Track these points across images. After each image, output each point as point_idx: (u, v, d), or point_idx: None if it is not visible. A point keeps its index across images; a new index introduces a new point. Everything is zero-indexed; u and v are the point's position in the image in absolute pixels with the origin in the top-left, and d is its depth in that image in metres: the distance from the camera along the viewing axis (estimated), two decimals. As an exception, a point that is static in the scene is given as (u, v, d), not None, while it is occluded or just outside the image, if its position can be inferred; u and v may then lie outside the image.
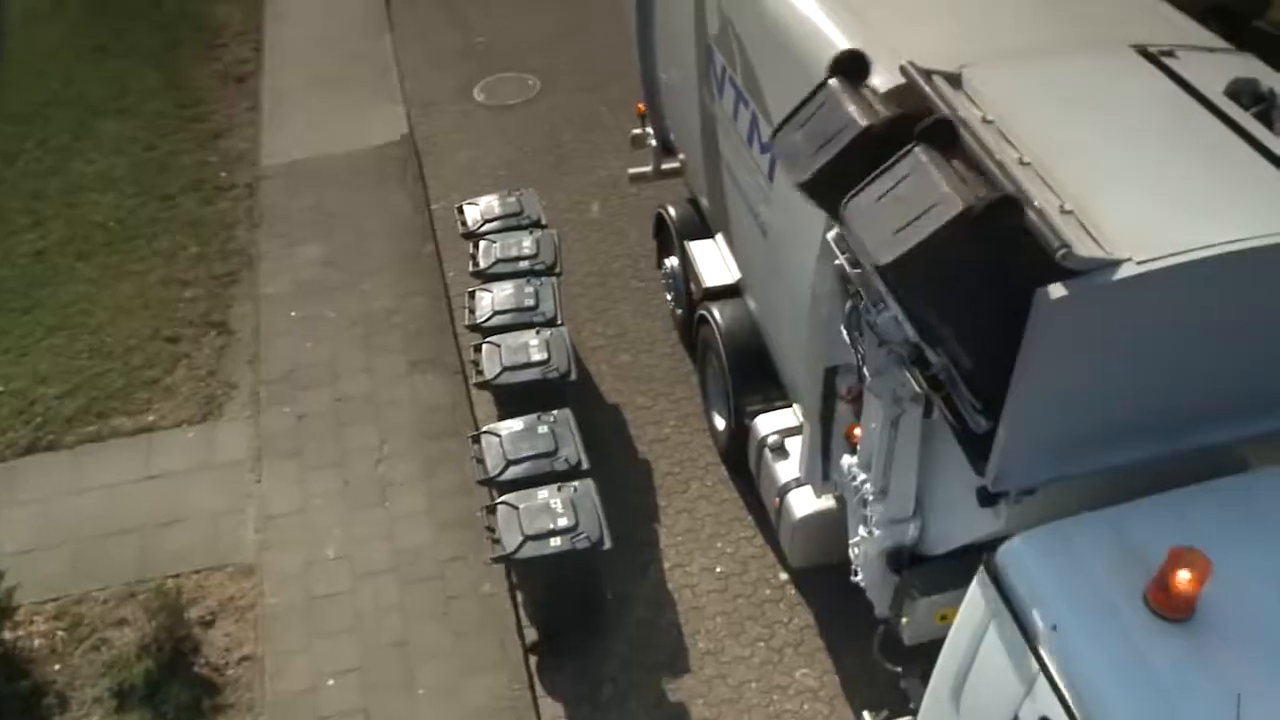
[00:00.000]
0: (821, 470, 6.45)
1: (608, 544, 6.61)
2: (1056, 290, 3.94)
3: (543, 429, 7.18)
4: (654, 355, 9.25)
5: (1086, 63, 5.09)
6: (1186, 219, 4.21)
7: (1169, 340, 4.33)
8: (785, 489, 6.87)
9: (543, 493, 6.76)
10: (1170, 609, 3.77)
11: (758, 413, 7.35)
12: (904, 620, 5.61)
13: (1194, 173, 4.47)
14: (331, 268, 9.96)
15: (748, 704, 6.87)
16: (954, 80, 4.86)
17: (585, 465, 7.06)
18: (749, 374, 7.56)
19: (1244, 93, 4.83)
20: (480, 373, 7.69)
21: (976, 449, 4.64)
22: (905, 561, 5.72)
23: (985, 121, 4.61)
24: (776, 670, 7.02)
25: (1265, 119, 4.71)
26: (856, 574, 5.95)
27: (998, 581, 4.10)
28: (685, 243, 8.44)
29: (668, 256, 9.18)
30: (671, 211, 8.82)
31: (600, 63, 12.86)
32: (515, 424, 7.19)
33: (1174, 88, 4.90)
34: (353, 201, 10.76)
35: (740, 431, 7.64)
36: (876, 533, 5.52)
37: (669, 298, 9.36)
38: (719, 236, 8.08)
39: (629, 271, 10.07)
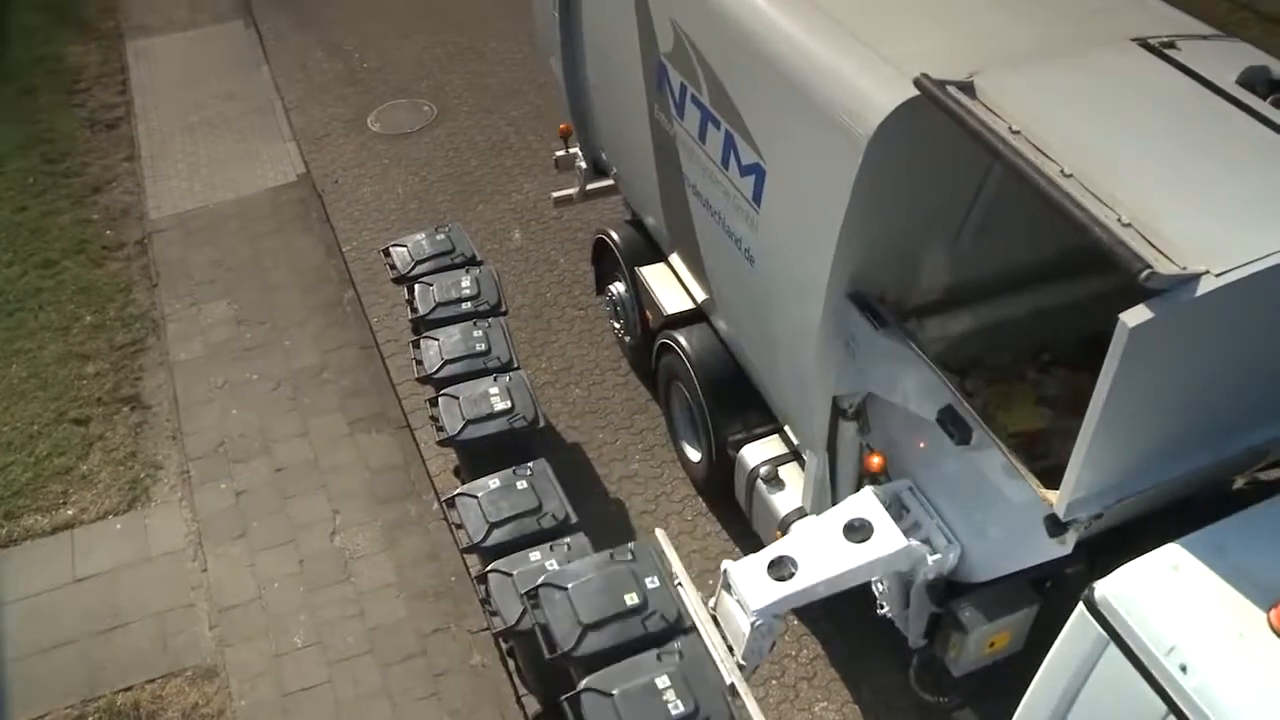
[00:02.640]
0: (831, 500, 6.20)
1: (617, 603, 6.20)
2: (1139, 315, 3.73)
3: (521, 484, 6.70)
4: (606, 387, 8.86)
5: (1096, 61, 4.90)
6: (1244, 222, 4.04)
7: (1234, 348, 4.19)
8: (788, 521, 6.57)
9: (535, 555, 6.28)
10: (1302, 633, 3.60)
11: (742, 442, 7.05)
12: (952, 653, 5.39)
13: (1235, 170, 4.31)
14: (245, 326, 9.25)
15: (772, 749, 6.58)
16: (968, 89, 4.61)
17: (574, 519, 6.62)
18: (726, 402, 7.24)
19: (1258, 81, 4.72)
20: (441, 429, 7.18)
21: (1046, 478, 4.45)
22: (944, 592, 5.51)
23: (1013, 132, 4.38)
24: (795, 708, 6.73)
25: (1284, 107, 4.61)
26: (883, 607, 5.70)
27: (1101, 618, 3.86)
28: (636, 269, 8.07)
29: (612, 282, 8.79)
30: (615, 235, 8.43)
31: (496, 83, 12.41)
32: (491, 482, 6.69)
33: (1189, 81, 4.75)
34: (257, 251, 10.05)
35: (720, 462, 7.32)
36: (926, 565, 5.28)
37: (616, 326, 8.97)
38: (674, 258, 7.73)
39: (565, 301, 9.65)
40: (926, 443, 5.36)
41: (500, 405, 7.18)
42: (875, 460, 5.58)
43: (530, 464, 6.85)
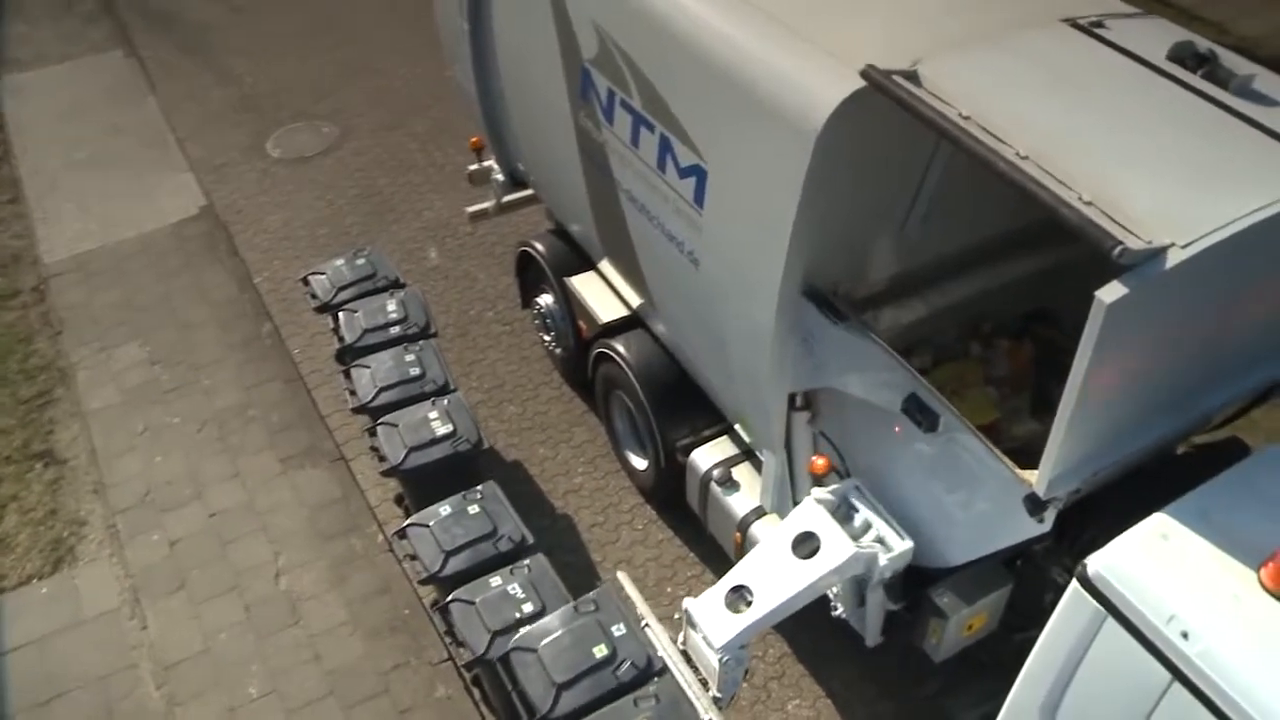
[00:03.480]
0: (791, 497, 6.17)
1: (583, 620, 6.09)
2: (1115, 291, 3.77)
3: (473, 509, 6.54)
4: (541, 401, 8.71)
5: (1031, 43, 4.96)
6: (1199, 192, 4.13)
7: (1197, 315, 4.28)
8: (746, 522, 6.53)
9: (495, 580, 6.13)
10: (1295, 590, 3.67)
11: (691, 447, 6.98)
12: (933, 639, 5.40)
13: (1180, 143, 4.41)
14: (160, 367, 8.86)
15: (749, 753, 6.53)
16: (913, 78, 4.63)
17: (530, 540, 6.48)
18: (671, 407, 7.17)
19: (1187, 56, 4.82)
20: (383, 460, 6.96)
21: (1021, 459, 4.48)
22: (902, 590, 5.49)
23: (964, 118, 4.40)
24: (768, 708, 6.68)
25: (1215, 79, 4.72)
26: (836, 609, 5.62)
27: (1096, 593, 3.89)
28: (565, 279, 7.95)
29: (538, 295, 8.66)
30: (539, 247, 8.29)
31: (396, 100, 12.15)
32: (442, 509, 6.51)
33: (1123, 59, 4.84)
34: (164, 289, 9.64)
35: (670, 468, 7.25)
36: (879, 565, 5.21)
37: (546, 338, 8.83)
38: (605, 265, 7.63)
39: (489, 317, 9.47)
40: (889, 432, 5.35)
41: (442, 430, 7.00)
42: (819, 462, 5.48)
43: (480, 487, 6.69)
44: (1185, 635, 3.62)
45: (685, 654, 5.45)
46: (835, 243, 5.21)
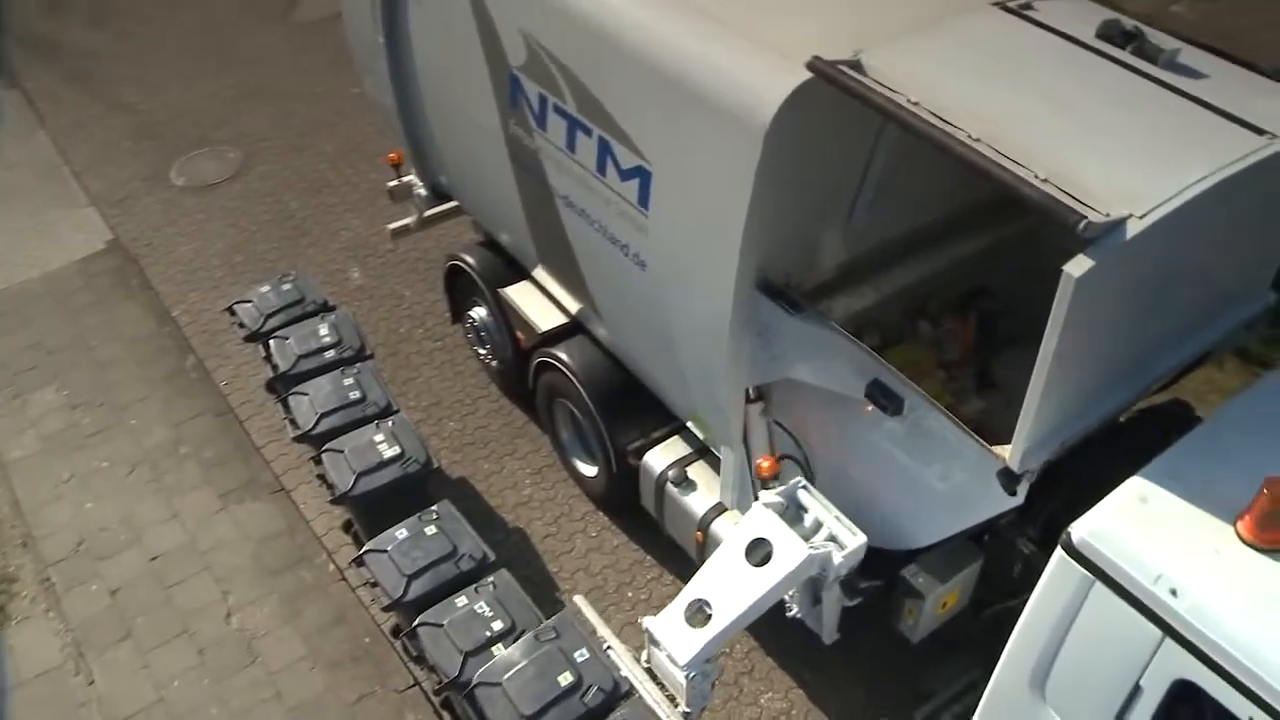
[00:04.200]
0: (752, 492, 6.18)
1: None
2: (1081, 265, 3.87)
3: (430, 530, 6.42)
4: (480, 416, 8.60)
5: (966, 28, 5.07)
6: (1147, 164, 4.27)
7: (1153, 283, 4.41)
8: (707, 520, 6.53)
9: (461, 600, 6.04)
10: (1265, 539, 3.79)
11: (643, 450, 6.95)
12: (909, 620, 5.47)
13: (1121, 119, 4.54)
14: (81, 410, 8.51)
15: (728, 750, 6.53)
16: (857, 68, 4.68)
17: (492, 557, 6.40)
18: (619, 411, 7.14)
19: (1115, 33, 4.97)
20: (331, 487, 6.81)
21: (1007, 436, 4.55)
22: (857, 585, 5.51)
23: (912, 104, 4.46)
24: (741, 704, 6.70)
25: (1143, 54, 4.87)
26: (791, 610, 5.48)
27: (1083, 559, 3.98)
28: (499, 290, 7.86)
29: (470, 309, 8.54)
30: (470, 259, 8.18)
31: (301, 119, 11.89)
32: (399, 533, 6.37)
33: (1054, 38, 4.97)
34: (77, 329, 9.26)
35: (622, 473, 7.21)
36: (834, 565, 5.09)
37: (481, 352, 8.73)
38: (540, 274, 7.56)
39: (419, 334, 9.32)
40: (850, 419, 5.40)
41: (389, 452, 6.87)
42: (765, 464, 5.43)
43: (435, 507, 6.59)
44: (1174, 592, 3.72)
45: (650, 672, 5.40)
46: (786, 235, 5.25)
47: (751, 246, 5.07)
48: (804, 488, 5.26)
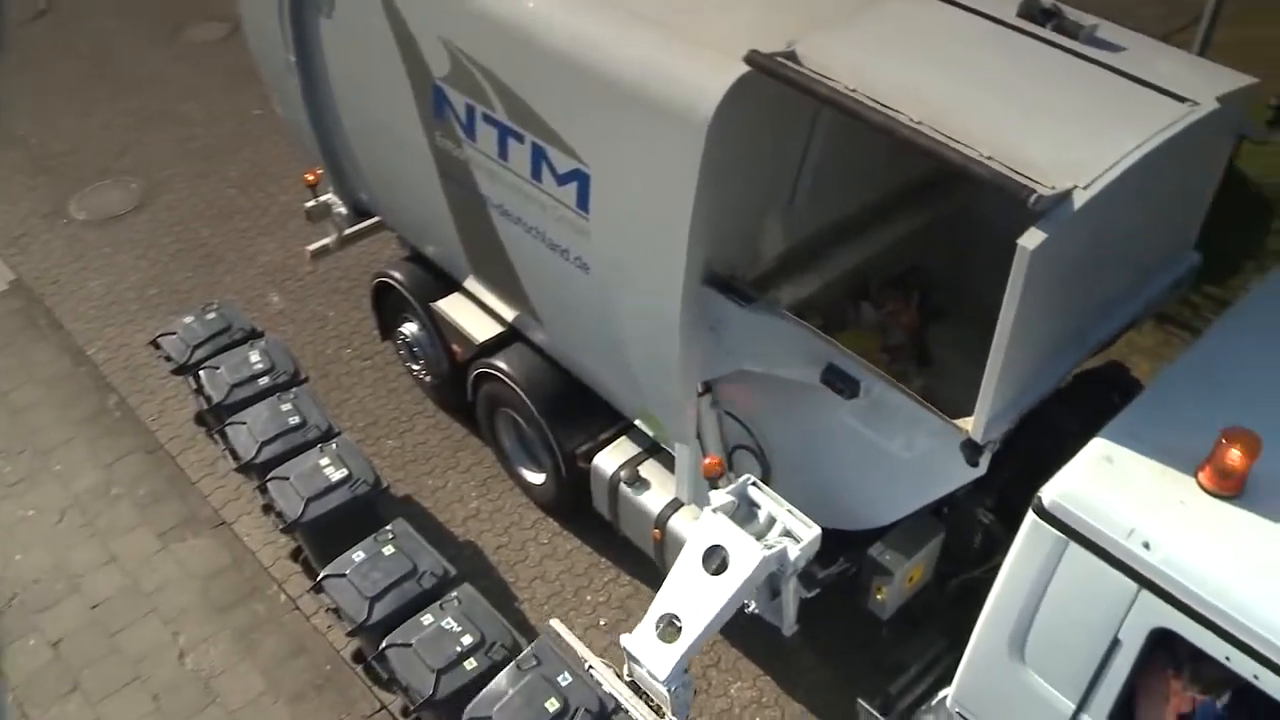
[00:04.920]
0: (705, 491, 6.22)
1: (522, 643, 6.00)
2: (1034, 237, 3.99)
3: (388, 550, 6.34)
4: (418, 432, 8.51)
5: (890, 14, 5.18)
6: (1083, 136, 4.41)
7: (1097, 250, 4.55)
8: (664, 518, 6.57)
9: (427, 618, 5.98)
10: (1226, 487, 3.96)
11: (592, 452, 6.96)
12: (879, 597, 5.56)
13: (1051, 93, 4.68)
14: (1, 459, 8.18)
15: (702, 742, 6.58)
16: (792, 59, 4.76)
17: (453, 572, 6.35)
18: (564, 416, 7.13)
19: (1034, 12, 5.13)
20: (280, 516, 6.67)
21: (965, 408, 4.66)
22: (816, 576, 5.58)
23: (850, 91, 4.55)
24: (711, 696, 6.75)
25: (1064, 31, 5.03)
26: (749, 606, 5.43)
27: (1055, 521, 4.10)
28: (431, 305, 7.79)
29: (401, 325, 8.44)
30: (398, 275, 8.09)
31: (203, 145, 11.60)
32: (355, 556, 6.28)
33: (976, 19, 5.11)
34: (-13, 376, 8.93)
35: (571, 477, 7.20)
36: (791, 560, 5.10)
37: (415, 368, 8.63)
38: (472, 285, 7.50)
39: (348, 355, 9.18)
40: (806, 404, 5.48)
41: (337, 475, 6.77)
42: (710, 463, 5.41)
43: (389, 526, 6.52)
44: (1146, 545, 3.86)
45: (633, 685, 5.42)
46: (730, 228, 5.30)
47: (698, 241, 5.12)
48: (754, 484, 5.24)
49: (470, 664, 5.80)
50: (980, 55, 4.89)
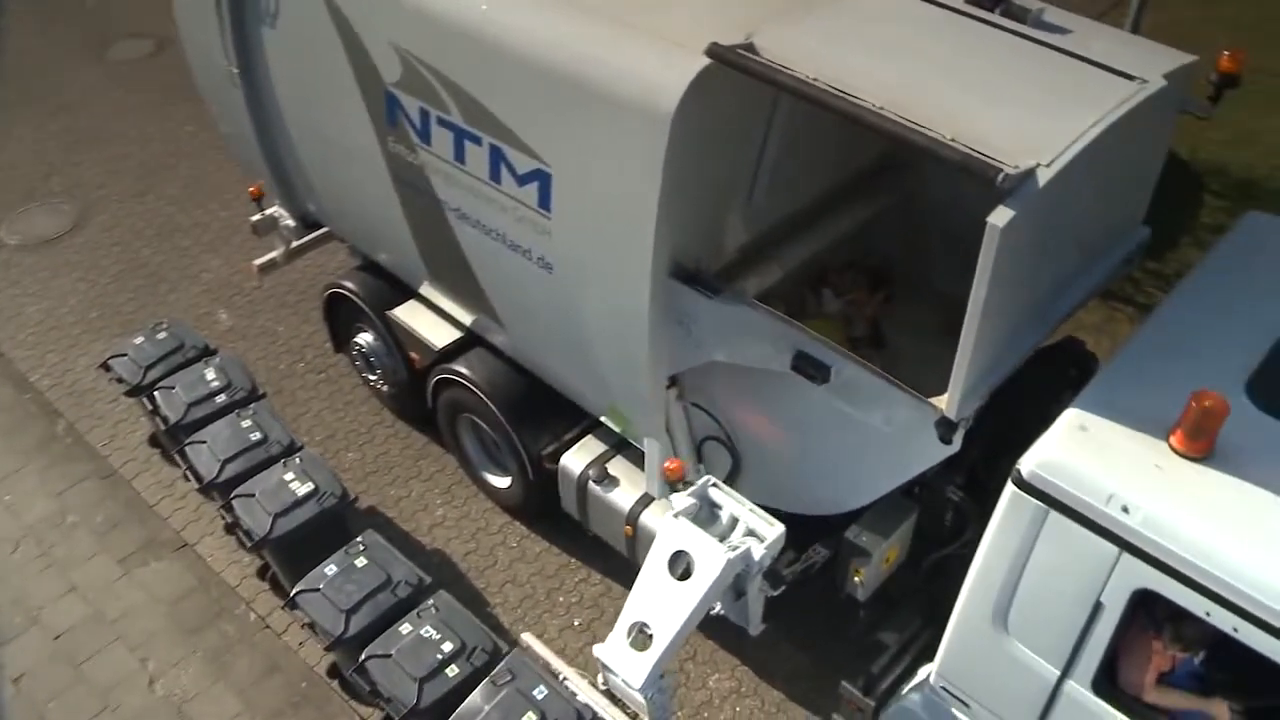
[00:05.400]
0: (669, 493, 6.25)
1: (503, 647, 5.99)
2: (1003, 215, 4.08)
3: (360, 562, 6.29)
4: (378, 443, 8.44)
5: (849, 5, 5.25)
6: (1041, 116, 4.51)
7: (1058, 225, 4.67)
8: (635, 514, 6.58)
9: (405, 627, 5.94)
10: (1197, 449, 4.08)
11: (558, 453, 6.96)
12: (856, 579, 5.63)
13: (1006, 75, 4.80)
14: (-52, 495, 7.98)
15: (685, 735, 6.61)
16: (751, 50, 4.81)
17: (428, 580, 6.31)
18: (528, 418, 7.12)
19: None
20: (248, 533, 6.58)
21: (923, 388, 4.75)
22: (781, 574, 5.62)
23: (814, 80, 4.61)
24: (690, 688, 6.78)
25: (1012, 15, 5.16)
26: (714, 608, 5.34)
27: (1035, 491, 4.20)
28: (387, 313, 7.73)
29: (356, 335, 8.35)
30: (352, 285, 8.01)
31: (136, 165, 11.40)
32: (328, 569, 6.22)
33: (934, 8, 5.22)
34: (-73, 409, 8.67)
35: (539, 479, 7.19)
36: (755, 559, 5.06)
37: (371, 378, 8.55)
38: (428, 291, 7.46)
39: (301, 369, 9.07)
40: (777, 392, 5.54)
41: (303, 489, 6.70)
42: (671, 466, 5.35)
43: (359, 538, 6.47)
44: (1125, 509, 3.97)
45: (609, 694, 5.39)
46: (694, 221, 5.35)
47: (664, 236, 5.15)
48: (714, 485, 5.20)
49: (452, 670, 5.77)
50: (935, 41, 4.99)
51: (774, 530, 5.04)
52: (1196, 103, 5.20)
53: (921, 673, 5.43)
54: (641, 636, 5.00)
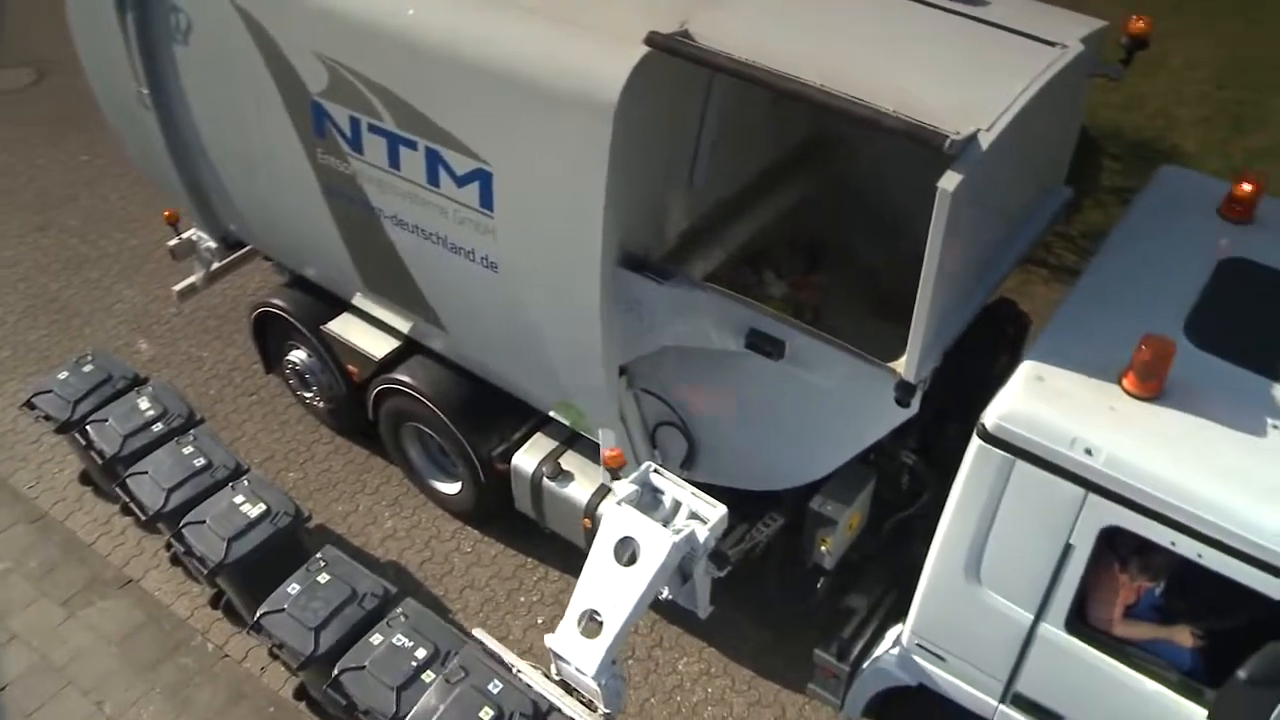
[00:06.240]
0: (634, 459, 6.31)
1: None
2: (952, 179, 4.23)
3: (323, 578, 6.23)
4: (319, 460, 8.32)
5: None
6: (974, 86, 4.67)
7: (995, 189, 4.85)
8: (592, 506, 6.63)
9: (376, 638, 5.90)
10: (1148, 389, 4.30)
11: (509, 453, 6.97)
12: (823, 548, 5.76)
13: (936, 49, 4.96)
14: None
15: (660, 718, 6.66)
16: (687, 38, 4.90)
17: (394, 590, 6.27)
18: (475, 420, 7.11)
19: None
20: (201, 561, 6.45)
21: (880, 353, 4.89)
22: (726, 555, 5.74)
23: (755, 62, 4.71)
24: (660, 674, 6.86)
25: (938, -8, 5.34)
26: (662, 593, 5.32)
27: (1000, 443, 4.37)
28: (321, 328, 7.63)
29: (288, 353, 8.22)
30: (280, 303, 7.88)
31: (31, 198, 11.05)
32: (290, 589, 6.14)
33: None
34: None
35: (490, 482, 7.19)
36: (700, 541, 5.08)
37: (307, 395, 8.42)
38: (362, 302, 7.39)
39: (231, 392, 8.89)
40: (728, 373, 5.64)
41: (255, 511, 6.61)
42: (610, 454, 5.37)
43: (319, 555, 6.41)
44: (1089, 452, 4.16)
45: (563, 683, 5.43)
46: (640, 209, 5.43)
47: (612, 226, 5.20)
48: (655, 471, 5.21)
49: (428, 676, 5.75)
50: (861, 19, 5.14)
51: (716, 512, 5.06)
52: (1109, 66, 5.44)
53: (891, 634, 5.60)
54: (592, 624, 5.03)
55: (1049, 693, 4.85)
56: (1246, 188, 5.19)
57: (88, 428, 7.15)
